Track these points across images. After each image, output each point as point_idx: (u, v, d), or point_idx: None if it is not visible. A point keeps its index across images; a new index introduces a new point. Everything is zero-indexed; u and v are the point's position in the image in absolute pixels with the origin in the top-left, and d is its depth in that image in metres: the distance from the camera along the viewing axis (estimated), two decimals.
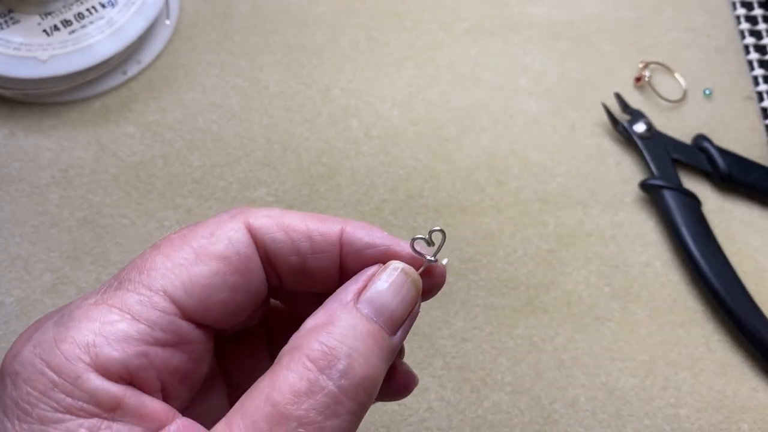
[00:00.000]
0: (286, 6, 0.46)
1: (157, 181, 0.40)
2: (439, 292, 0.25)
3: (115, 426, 0.19)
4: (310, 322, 0.21)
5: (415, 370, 0.37)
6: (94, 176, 0.40)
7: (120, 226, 0.39)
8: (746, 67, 0.46)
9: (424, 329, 0.37)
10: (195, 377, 0.23)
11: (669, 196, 0.40)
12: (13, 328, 0.36)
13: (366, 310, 0.22)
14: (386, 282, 0.23)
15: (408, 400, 0.36)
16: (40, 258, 0.38)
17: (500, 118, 0.43)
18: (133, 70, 0.43)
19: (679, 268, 0.40)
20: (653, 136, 0.42)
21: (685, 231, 0.39)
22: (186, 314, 0.21)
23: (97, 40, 0.41)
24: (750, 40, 0.47)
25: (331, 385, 0.20)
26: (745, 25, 0.47)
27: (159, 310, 0.21)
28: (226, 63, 0.44)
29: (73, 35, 0.41)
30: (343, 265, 0.24)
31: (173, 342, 0.21)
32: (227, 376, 0.26)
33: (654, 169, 0.41)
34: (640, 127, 0.42)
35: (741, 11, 0.48)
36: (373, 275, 0.23)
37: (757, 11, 0.48)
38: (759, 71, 0.46)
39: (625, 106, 0.43)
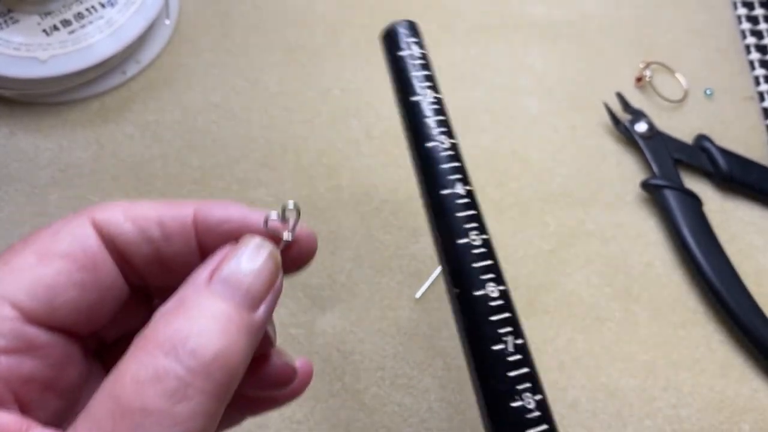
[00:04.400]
0: (286, 6, 0.46)
1: (157, 181, 0.40)
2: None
3: None
4: (161, 311, 0.20)
5: (416, 371, 0.37)
6: (94, 176, 0.40)
7: None
8: (747, 67, 0.46)
9: (425, 330, 0.37)
10: (61, 385, 0.21)
11: (670, 196, 0.40)
12: None
13: (220, 289, 0.20)
14: (240, 257, 0.21)
15: (408, 400, 0.36)
16: None
17: (501, 118, 0.43)
18: (132, 70, 0.43)
19: (680, 268, 0.40)
20: (654, 135, 0.42)
21: (686, 231, 0.39)
22: (31, 318, 0.20)
23: (96, 40, 0.41)
24: (751, 40, 0.47)
25: (178, 368, 0.18)
26: (746, 25, 0.47)
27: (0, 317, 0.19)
28: (226, 63, 0.44)
29: (73, 35, 0.41)
30: (202, 249, 0.22)
31: (19, 348, 0.20)
32: None
33: (655, 169, 0.41)
34: (641, 127, 0.42)
35: (742, 11, 0.48)
36: (228, 253, 0.21)
37: (758, 11, 0.48)
38: (760, 71, 0.45)
39: (626, 105, 0.43)
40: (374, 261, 0.39)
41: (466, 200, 0.26)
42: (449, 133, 0.28)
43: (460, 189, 0.26)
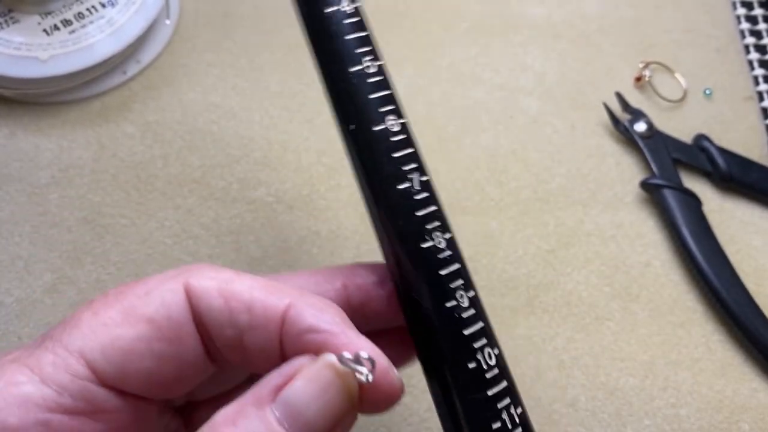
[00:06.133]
0: (286, 6, 0.46)
1: (157, 181, 0.40)
2: None
3: None
4: (219, 416, 0.18)
5: (416, 371, 0.37)
6: (94, 176, 0.40)
7: (120, 226, 0.39)
8: (746, 67, 0.46)
9: None
10: None
11: (669, 196, 0.40)
12: (13, 328, 0.36)
13: (278, 414, 0.18)
14: (309, 381, 0.19)
15: (408, 399, 0.36)
16: (40, 258, 0.38)
17: (500, 118, 0.43)
18: (133, 69, 0.43)
19: (680, 268, 0.40)
20: (654, 135, 0.42)
21: (685, 231, 0.39)
22: (103, 379, 0.19)
23: (97, 40, 0.41)
24: (750, 39, 0.47)
25: None
26: (745, 25, 0.47)
27: (71, 374, 0.19)
28: (226, 63, 0.44)
29: (73, 35, 0.41)
30: (283, 348, 0.20)
31: (84, 410, 0.19)
32: None
33: (654, 169, 0.41)
34: (640, 127, 0.42)
35: (741, 11, 0.48)
36: (301, 371, 0.19)
37: (758, 11, 0.48)
38: (759, 71, 0.46)
39: (625, 105, 0.43)
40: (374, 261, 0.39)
41: (356, 19, 0.23)
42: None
43: (345, 6, 0.22)
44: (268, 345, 0.20)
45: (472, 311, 0.22)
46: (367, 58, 0.22)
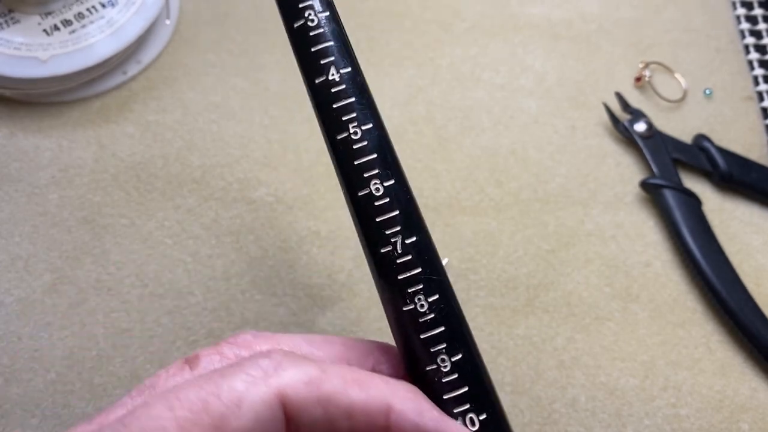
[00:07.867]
0: None
1: (157, 181, 0.40)
2: None
3: None
4: None
5: None
6: (94, 176, 0.40)
7: (120, 226, 0.39)
8: (746, 67, 0.46)
9: None
10: None
11: (669, 196, 0.40)
12: (14, 328, 0.36)
13: None
14: None
15: None
16: (40, 258, 0.38)
17: (500, 118, 0.43)
18: (133, 70, 0.43)
19: (680, 268, 0.40)
20: (654, 135, 0.42)
21: (685, 231, 0.39)
22: None
23: (97, 40, 0.41)
24: (750, 39, 0.47)
25: None
26: (745, 25, 0.47)
27: None
28: (226, 63, 0.44)
29: (74, 35, 0.41)
30: None
31: None
32: None
33: (654, 169, 0.41)
34: (640, 127, 0.42)
35: (741, 11, 0.48)
36: None
37: (757, 11, 0.48)
38: (759, 71, 0.46)
39: (625, 105, 0.43)
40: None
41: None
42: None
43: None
44: None
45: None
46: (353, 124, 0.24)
